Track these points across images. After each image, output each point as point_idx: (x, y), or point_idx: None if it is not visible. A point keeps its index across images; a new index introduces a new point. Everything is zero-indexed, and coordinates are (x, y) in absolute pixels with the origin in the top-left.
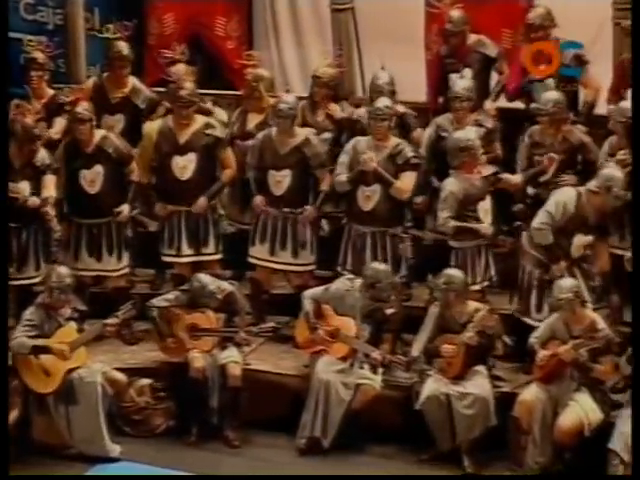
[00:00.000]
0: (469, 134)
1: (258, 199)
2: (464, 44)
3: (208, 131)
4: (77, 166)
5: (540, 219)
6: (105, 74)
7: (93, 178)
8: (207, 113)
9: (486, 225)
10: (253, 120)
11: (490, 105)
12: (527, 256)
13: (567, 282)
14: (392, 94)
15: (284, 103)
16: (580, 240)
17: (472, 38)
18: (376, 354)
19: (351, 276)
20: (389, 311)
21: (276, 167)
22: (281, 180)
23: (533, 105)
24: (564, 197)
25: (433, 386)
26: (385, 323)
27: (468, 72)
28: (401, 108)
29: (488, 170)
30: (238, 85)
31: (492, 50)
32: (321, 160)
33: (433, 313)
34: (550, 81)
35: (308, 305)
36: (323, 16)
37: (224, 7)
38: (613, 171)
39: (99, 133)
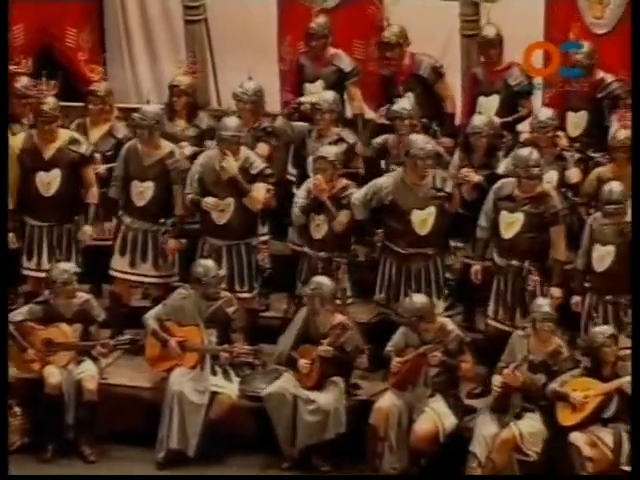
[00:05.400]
0: (326, 149)
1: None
2: (324, 52)
3: (73, 147)
4: None
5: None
6: None
7: None
8: None
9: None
10: (95, 132)
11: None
12: None
13: (415, 301)
14: (257, 104)
15: (141, 114)
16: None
17: (330, 51)
18: (223, 352)
19: (187, 285)
20: (230, 310)
21: (139, 178)
22: (143, 191)
23: (392, 109)
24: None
25: (281, 384)
26: (230, 323)
27: (321, 83)
28: (265, 122)
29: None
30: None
31: (347, 65)
32: (181, 175)
33: (299, 319)
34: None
35: (153, 324)
36: (176, 27)
37: (75, 18)
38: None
39: None
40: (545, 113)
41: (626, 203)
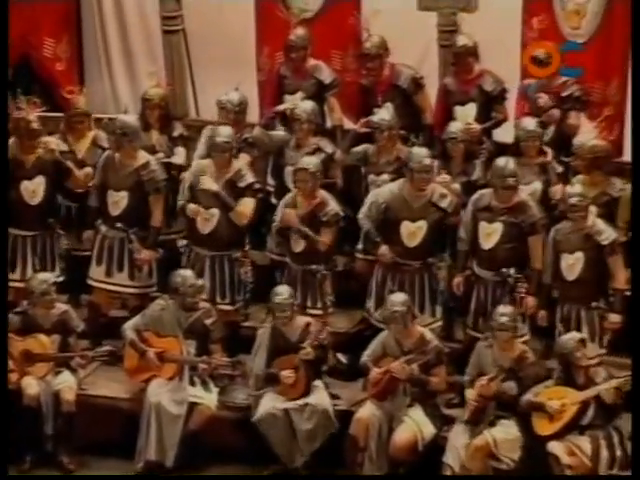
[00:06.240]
0: (306, 161)
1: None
2: (304, 63)
3: (52, 146)
4: None
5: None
6: None
7: None
8: None
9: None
10: (80, 145)
11: None
12: None
13: (399, 296)
14: (240, 115)
15: (112, 122)
16: (408, 227)
17: (311, 62)
18: (202, 363)
19: (165, 295)
20: (208, 321)
21: (115, 187)
22: (118, 200)
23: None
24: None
25: (269, 404)
26: (208, 334)
27: (300, 94)
28: (246, 133)
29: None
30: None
31: (327, 77)
32: (156, 186)
33: (264, 336)
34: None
35: (131, 334)
36: (154, 38)
37: (52, 27)
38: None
39: None
40: (531, 122)
41: (588, 207)
